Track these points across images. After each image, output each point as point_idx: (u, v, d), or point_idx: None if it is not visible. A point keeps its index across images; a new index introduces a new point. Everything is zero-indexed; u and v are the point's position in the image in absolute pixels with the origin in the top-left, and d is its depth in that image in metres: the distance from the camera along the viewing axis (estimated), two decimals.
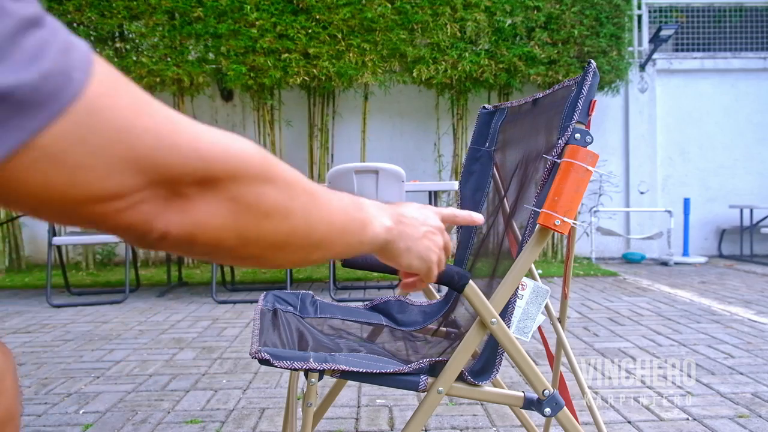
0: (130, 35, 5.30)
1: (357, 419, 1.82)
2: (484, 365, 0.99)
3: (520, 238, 0.97)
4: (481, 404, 1.91)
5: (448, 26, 5.38)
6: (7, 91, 0.29)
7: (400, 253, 0.63)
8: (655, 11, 6.42)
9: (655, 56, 6.19)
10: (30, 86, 0.30)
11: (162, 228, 0.39)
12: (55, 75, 0.31)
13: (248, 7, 5.16)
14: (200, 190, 0.39)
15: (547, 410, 0.96)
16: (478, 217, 0.81)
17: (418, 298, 1.42)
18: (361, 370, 0.92)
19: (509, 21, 5.44)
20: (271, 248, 0.46)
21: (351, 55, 5.28)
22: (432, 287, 1.43)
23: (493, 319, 0.93)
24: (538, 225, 0.93)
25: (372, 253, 0.62)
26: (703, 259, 5.83)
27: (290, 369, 0.90)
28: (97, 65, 0.34)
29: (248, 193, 0.42)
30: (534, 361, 0.97)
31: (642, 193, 6.24)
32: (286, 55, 5.23)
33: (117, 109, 0.34)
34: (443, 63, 5.39)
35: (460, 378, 0.96)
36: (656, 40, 5.87)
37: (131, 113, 0.35)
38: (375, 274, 4.33)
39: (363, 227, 0.57)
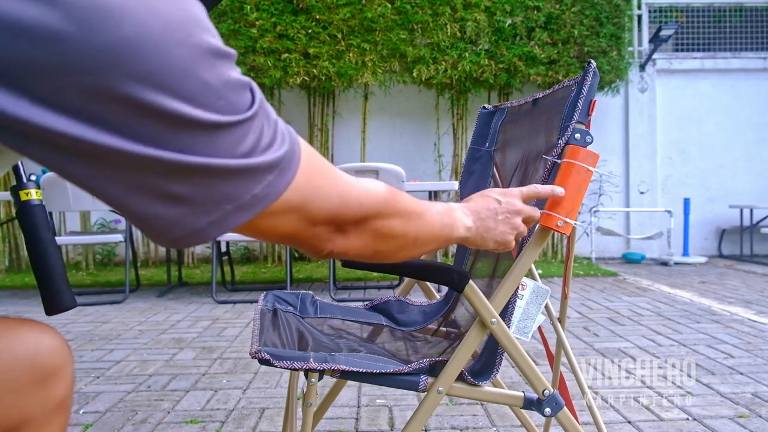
0: None
1: (357, 419, 1.82)
2: (484, 365, 0.99)
3: (520, 238, 0.96)
4: (481, 404, 1.91)
5: (448, 26, 5.38)
6: (278, 160, 0.48)
7: (478, 242, 0.82)
8: (655, 11, 6.41)
9: (655, 56, 6.18)
10: (285, 156, 0.49)
11: (330, 248, 0.59)
12: (292, 149, 0.50)
13: (248, 7, 5.16)
14: (355, 226, 0.59)
15: (547, 410, 0.96)
16: (559, 191, 0.90)
17: (418, 298, 1.42)
18: (361, 370, 0.92)
19: (509, 21, 5.44)
20: (393, 253, 0.67)
21: (351, 55, 5.29)
22: (432, 287, 1.43)
23: (493, 319, 0.93)
24: (538, 225, 0.93)
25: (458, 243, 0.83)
26: (703, 259, 5.83)
27: (290, 369, 0.90)
28: (298, 137, 0.53)
29: (383, 225, 0.62)
30: (534, 361, 0.97)
31: (642, 193, 6.24)
32: (286, 55, 5.23)
33: (319, 180, 0.53)
34: (443, 63, 5.39)
35: (460, 378, 0.96)
36: (656, 40, 5.87)
37: (326, 182, 0.54)
38: (375, 274, 4.33)
39: (451, 230, 0.77)
